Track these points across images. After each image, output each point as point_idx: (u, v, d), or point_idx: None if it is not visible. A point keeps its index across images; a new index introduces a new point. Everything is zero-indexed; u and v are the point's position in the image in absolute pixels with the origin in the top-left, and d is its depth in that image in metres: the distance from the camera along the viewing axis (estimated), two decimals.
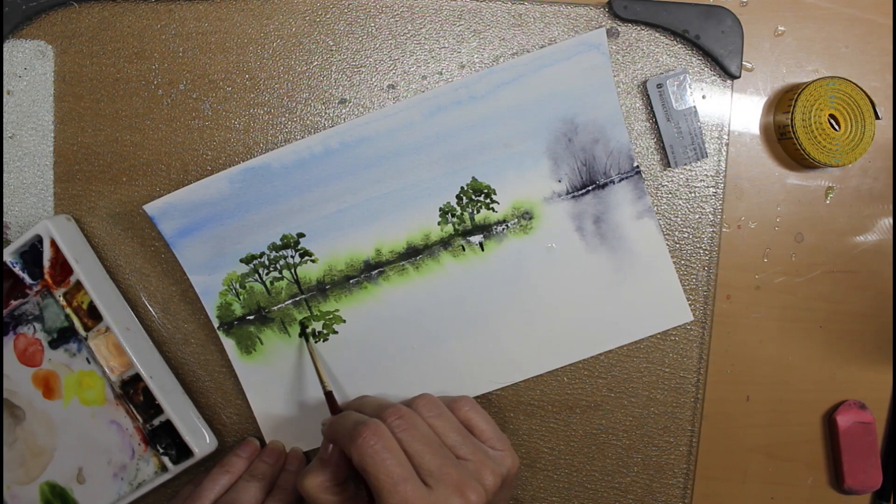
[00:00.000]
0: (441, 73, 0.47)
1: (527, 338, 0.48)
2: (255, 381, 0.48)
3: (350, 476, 0.40)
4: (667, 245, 0.47)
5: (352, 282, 0.47)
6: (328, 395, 0.44)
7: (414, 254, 0.47)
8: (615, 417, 0.49)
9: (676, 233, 0.48)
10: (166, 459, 0.47)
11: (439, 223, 0.47)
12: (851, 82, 0.46)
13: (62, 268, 0.46)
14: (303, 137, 0.47)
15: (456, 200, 0.46)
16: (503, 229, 0.47)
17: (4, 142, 0.48)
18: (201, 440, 0.47)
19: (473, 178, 0.46)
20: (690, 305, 0.48)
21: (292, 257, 0.47)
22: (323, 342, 0.48)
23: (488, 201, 0.47)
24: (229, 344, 0.48)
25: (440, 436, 0.39)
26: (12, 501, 0.49)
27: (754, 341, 0.50)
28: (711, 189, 0.48)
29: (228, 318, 0.47)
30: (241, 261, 0.47)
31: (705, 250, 0.48)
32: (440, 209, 0.46)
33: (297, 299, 0.47)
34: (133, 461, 0.47)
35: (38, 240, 0.46)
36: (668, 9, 0.46)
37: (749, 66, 0.48)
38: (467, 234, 0.47)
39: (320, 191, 0.46)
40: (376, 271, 0.47)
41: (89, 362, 0.47)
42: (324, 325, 0.47)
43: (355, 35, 0.47)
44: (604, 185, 0.47)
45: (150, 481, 0.47)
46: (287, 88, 0.47)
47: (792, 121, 0.46)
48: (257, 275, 0.47)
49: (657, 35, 0.47)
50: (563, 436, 0.49)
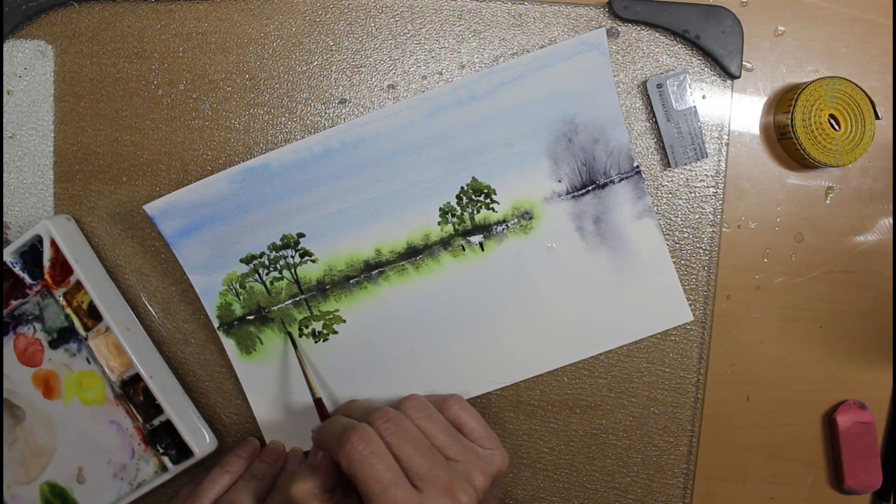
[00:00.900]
0: (441, 73, 0.47)
1: (527, 338, 0.48)
2: (255, 381, 0.48)
3: (339, 483, 0.40)
4: (667, 245, 0.47)
5: (352, 282, 0.47)
6: (317, 401, 0.44)
7: (414, 254, 0.47)
8: (615, 417, 0.49)
9: (676, 233, 0.48)
10: (166, 459, 0.47)
11: (439, 223, 0.47)
12: (851, 82, 0.46)
13: (62, 268, 0.46)
14: (303, 137, 0.47)
15: (456, 200, 0.46)
16: (503, 229, 0.47)
17: (4, 142, 0.48)
18: (201, 440, 0.47)
19: (473, 178, 0.46)
20: (690, 305, 0.48)
21: (292, 257, 0.47)
22: (323, 342, 0.48)
23: (488, 201, 0.47)
24: (229, 344, 0.48)
25: (429, 437, 0.39)
26: (12, 501, 0.49)
27: (754, 341, 0.50)
28: (711, 189, 0.48)
29: (228, 318, 0.47)
30: (241, 261, 0.47)
31: (705, 250, 0.48)
32: (440, 209, 0.46)
33: (297, 299, 0.47)
34: (133, 461, 0.47)
35: (38, 240, 0.46)
36: (668, 9, 0.46)
37: (749, 66, 0.48)
38: (467, 234, 0.47)
39: (320, 191, 0.46)
40: (376, 271, 0.47)
41: (89, 362, 0.47)
42: (324, 325, 0.47)
43: (355, 35, 0.47)
44: (604, 185, 0.47)
45: (150, 481, 0.47)
46: (287, 88, 0.47)
47: (792, 121, 0.46)
48: (257, 275, 0.47)
49: (657, 35, 0.47)
50: (563, 436, 0.49)
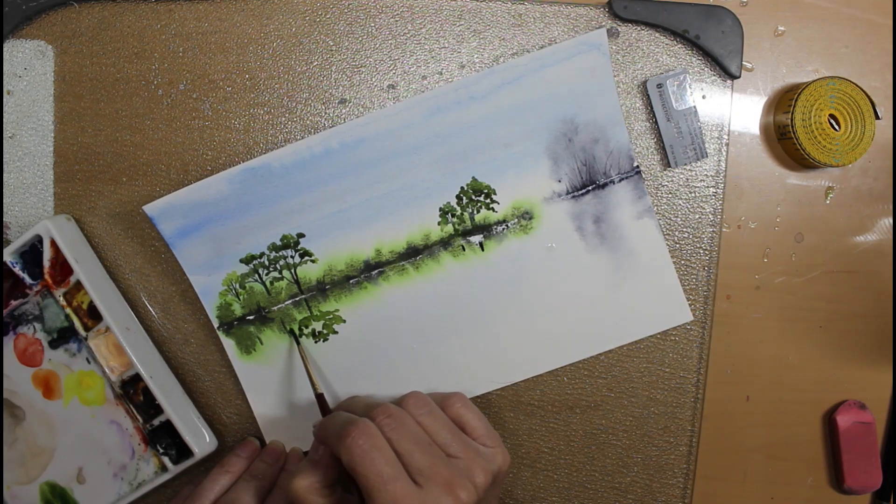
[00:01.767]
0: (441, 73, 0.47)
1: (527, 338, 0.48)
2: (255, 381, 0.48)
3: (339, 479, 0.40)
4: (667, 245, 0.47)
5: (352, 282, 0.47)
6: (319, 397, 0.44)
7: (414, 254, 0.47)
8: (615, 417, 0.49)
9: (676, 233, 0.48)
10: (166, 459, 0.47)
11: (439, 223, 0.47)
12: (851, 82, 0.46)
13: (62, 268, 0.46)
14: (303, 137, 0.47)
15: (456, 200, 0.46)
16: (503, 229, 0.47)
17: (4, 142, 0.48)
18: (201, 440, 0.47)
19: (473, 178, 0.46)
20: (690, 305, 0.48)
21: (292, 257, 0.47)
22: (323, 342, 0.48)
23: (488, 201, 0.47)
24: (229, 344, 0.48)
25: (430, 434, 0.39)
26: (12, 501, 0.49)
27: (754, 341, 0.50)
28: (711, 189, 0.48)
29: (228, 318, 0.47)
30: (241, 261, 0.47)
31: (705, 250, 0.48)
32: (440, 209, 0.46)
33: (297, 299, 0.47)
34: (133, 461, 0.47)
35: (38, 240, 0.46)
36: (668, 9, 0.46)
37: (749, 66, 0.48)
38: (467, 234, 0.47)
39: (320, 191, 0.46)
40: (376, 271, 0.47)
41: (89, 362, 0.47)
42: (324, 325, 0.47)
43: (355, 35, 0.47)
44: (604, 185, 0.47)
45: (150, 481, 0.47)
46: (287, 88, 0.47)
47: (792, 121, 0.46)
48: (257, 275, 0.47)
49: (657, 35, 0.47)
50: (563, 436, 0.49)
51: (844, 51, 0.48)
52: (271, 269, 0.47)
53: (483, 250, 0.47)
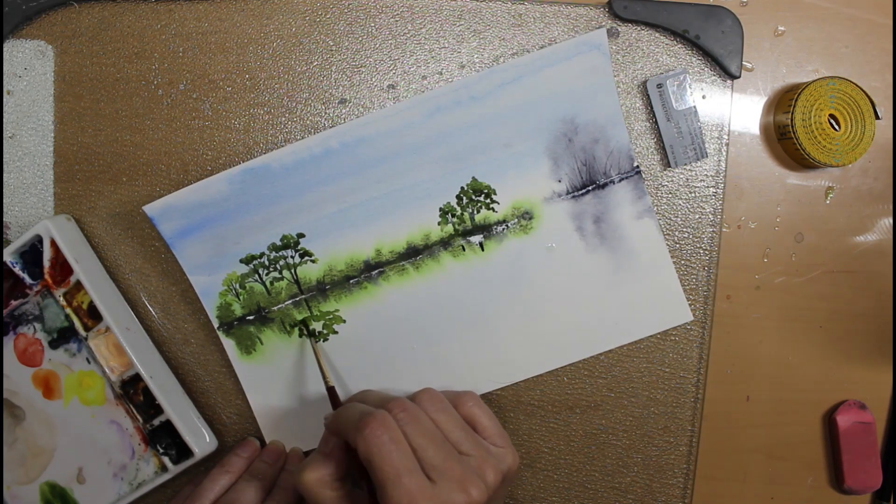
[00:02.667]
0: (441, 73, 0.47)
1: (527, 338, 0.48)
2: (255, 381, 0.48)
3: (348, 473, 0.40)
4: (667, 245, 0.47)
5: (352, 282, 0.47)
6: (331, 390, 0.44)
7: (414, 254, 0.47)
8: (615, 417, 0.49)
9: (676, 233, 0.48)
10: (166, 459, 0.47)
11: (439, 223, 0.47)
12: (851, 82, 0.46)
13: (62, 268, 0.46)
14: (303, 137, 0.47)
15: (456, 200, 0.46)
16: (503, 229, 0.47)
17: (4, 142, 0.48)
18: (201, 440, 0.47)
19: (473, 178, 0.46)
20: (690, 305, 0.48)
21: (292, 257, 0.47)
22: (323, 342, 0.48)
23: (488, 201, 0.47)
24: (229, 344, 0.48)
25: (443, 431, 0.39)
26: (12, 501, 0.49)
27: (754, 341, 0.50)
28: (711, 189, 0.48)
29: (228, 319, 0.47)
30: (241, 261, 0.47)
31: (705, 250, 0.48)
32: (440, 209, 0.46)
33: (297, 299, 0.47)
34: (133, 461, 0.47)
35: (38, 240, 0.46)
36: (668, 9, 0.46)
37: (749, 66, 0.48)
38: (467, 234, 0.47)
39: (320, 191, 0.46)
40: (376, 271, 0.47)
41: (89, 362, 0.47)
42: (324, 326, 0.47)
43: (355, 35, 0.47)
44: (604, 185, 0.47)
45: (150, 481, 0.47)
46: (287, 88, 0.47)
47: (792, 121, 0.46)
48: (257, 275, 0.47)
49: (657, 35, 0.47)
50: (563, 436, 0.49)
51: (844, 51, 0.48)
52: (271, 269, 0.47)
53: (483, 250, 0.47)
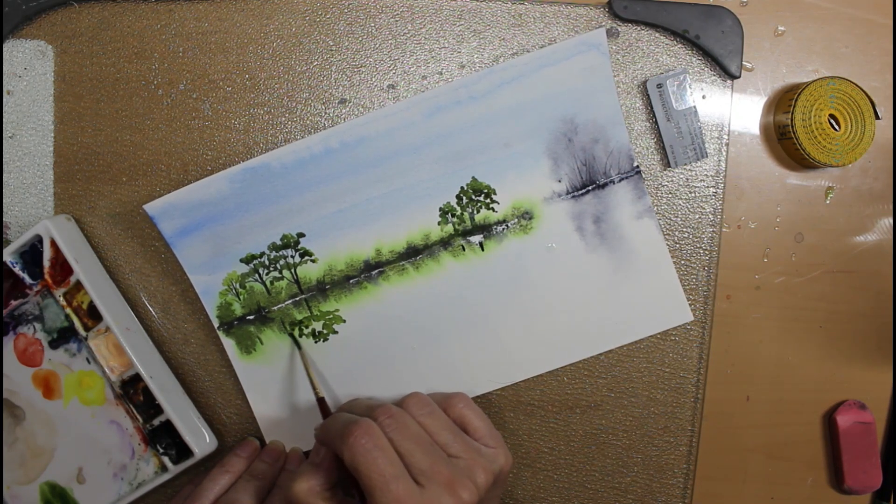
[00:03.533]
0: (441, 73, 0.47)
1: (527, 338, 0.48)
2: (255, 381, 0.48)
3: (340, 482, 0.40)
4: (667, 245, 0.47)
5: (352, 282, 0.47)
6: (320, 400, 0.44)
7: (414, 254, 0.47)
8: (615, 417, 0.49)
9: (676, 233, 0.48)
10: (166, 459, 0.47)
11: (439, 223, 0.47)
12: (851, 82, 0.46)
13: (62, 268, 0.46)
14: (303, 137, 0.47)
15: (456, 200, 0.46)
16: (503, 229, 0.47)
17: (4, 142, 0.48)
18: (201, 440, 0.47)
19: (473, 178, 0.46)
20: (690, 305, 0.48)
21: (292, 257, 0.47)
22: (323, 342, 0.48)
23: (488, 201, 0.47)
24: (229, 344, 0.48)
25: (431, 434, 0.39)
26: (12, 501, 0.49)
27: (754, 341, 0.50)
28: (711, 189, 0.48)
29: (228, 318, 0.47)
30: (241, 261, 0.47)
31: (705, 250, 0.48)
32: (440, 209, 0.46)
33: (297, 299, 0.47)
34: (133, 461, 0.47)
35: (38, 240, 0.46)
36: (668, 9, 0.46)
37: (749, 66, 0.48)
38: (467, 234, 0.47)
39: (320, 191, 0.46)
40: (376, 271, 0.47)
41: (89, 362, 0.47)
42: (324, 325, 0.47)
43: (355, 35, 0.47)
44: (604, 185, 0.47)
45: (150, 481, 0.47)
46: (287, 88, 0.47)
47: (792, 121, 0.46)
48: (257, 275, 0.47)
49: (657, 35, 0.47)
50: (563, 436, 0.49)
51: (844, 51, 0.48)
52: (271, 268, 0.47)
53: (483, 250, 0.47)
